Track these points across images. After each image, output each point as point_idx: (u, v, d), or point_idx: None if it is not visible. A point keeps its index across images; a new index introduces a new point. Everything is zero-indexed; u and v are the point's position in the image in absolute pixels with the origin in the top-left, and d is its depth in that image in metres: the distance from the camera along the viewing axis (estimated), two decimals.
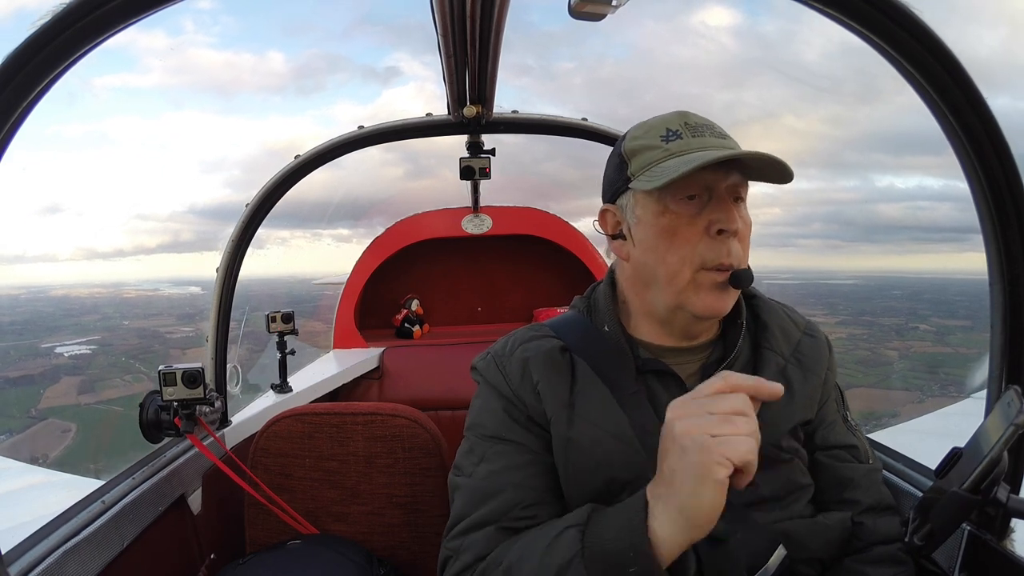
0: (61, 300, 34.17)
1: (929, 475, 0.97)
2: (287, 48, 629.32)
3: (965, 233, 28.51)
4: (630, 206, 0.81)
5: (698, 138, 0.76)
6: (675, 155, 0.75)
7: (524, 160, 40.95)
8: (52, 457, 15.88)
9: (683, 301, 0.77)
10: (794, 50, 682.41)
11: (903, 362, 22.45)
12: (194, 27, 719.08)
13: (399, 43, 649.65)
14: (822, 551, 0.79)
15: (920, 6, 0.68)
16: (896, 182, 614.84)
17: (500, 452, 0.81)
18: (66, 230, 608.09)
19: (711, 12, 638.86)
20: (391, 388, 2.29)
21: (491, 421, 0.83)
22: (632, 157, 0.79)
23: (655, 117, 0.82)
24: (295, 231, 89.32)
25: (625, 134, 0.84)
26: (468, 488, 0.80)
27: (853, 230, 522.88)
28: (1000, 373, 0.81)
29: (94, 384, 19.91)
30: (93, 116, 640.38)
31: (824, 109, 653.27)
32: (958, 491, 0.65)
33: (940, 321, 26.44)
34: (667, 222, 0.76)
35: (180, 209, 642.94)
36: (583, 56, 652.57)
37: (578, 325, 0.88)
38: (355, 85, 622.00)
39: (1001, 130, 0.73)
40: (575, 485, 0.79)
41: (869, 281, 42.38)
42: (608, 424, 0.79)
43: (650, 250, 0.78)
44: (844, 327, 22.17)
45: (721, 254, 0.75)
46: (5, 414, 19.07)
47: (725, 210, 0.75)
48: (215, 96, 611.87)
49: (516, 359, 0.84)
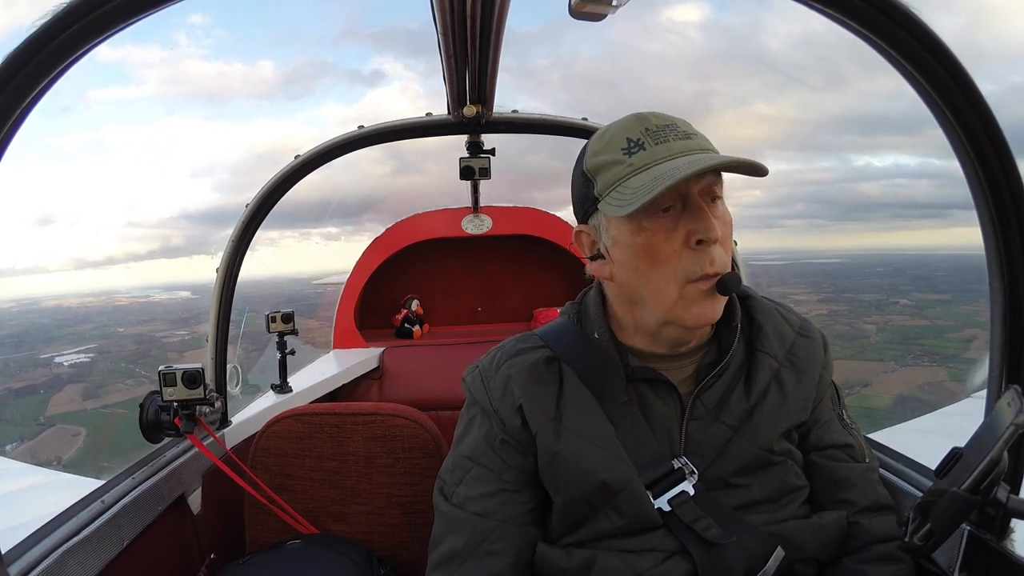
0: (53, 311, 34.46)
1: (929, 475, 0.97)
2: (277, 56, 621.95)
3: (946, 209, 28.32)
4: (603, 227, 0.78)
5: (662, 144, 0.73)
6: (640, 170, 0.72)
7: (508, 154, 42.12)
8: (66, 459, 16.46)
9: (673, 317, 0.76)
10: (759, 42, 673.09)
11: (880, 335, 22.64)
12: (187, 40, 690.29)
13: (383, 48, 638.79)
14: (819, 551, 0.79)
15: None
16: (873, 161, 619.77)
17: (476, 477, 0.83)
18: (57, 241, 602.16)
19: (677, 9, 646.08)
20: (391, 388, 2.29)
21: (471, 442, 0.86)
22: (596, 175, 0.76)
23: (614, 124, 0.78)
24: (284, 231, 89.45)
25: (585, 148, 0.80)
26: (445, 514, 0.84)
27: (836, 209, 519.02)
28: (1000, 373, 0.81)
29: (97, 390, 20.33)
30: (86, 127, 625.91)
31: (793, 96, 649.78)
32: (958, 491, 0.65)
33: (920, 296, 26.65)
34: (644, 240, 0.74)
35: (170, 215, 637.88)
36: (559, 53, 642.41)
37: (568, 332, 0.87)
38: (342, 88, 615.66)
39: (1001, 130, 0.73)
40: (566, 492, 0.79)
41: (854, 259, 42.53)
42: (593, 435, 0.78)
43: (631, 271, 0.76)
44: (826, 304, 22.46)
45: (704, 264, 0.73)
46: (15, 423, 19.58)
47: (702, 219, 0.72)
48: (206, 103, 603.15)
49: (500, 376, 0.84)
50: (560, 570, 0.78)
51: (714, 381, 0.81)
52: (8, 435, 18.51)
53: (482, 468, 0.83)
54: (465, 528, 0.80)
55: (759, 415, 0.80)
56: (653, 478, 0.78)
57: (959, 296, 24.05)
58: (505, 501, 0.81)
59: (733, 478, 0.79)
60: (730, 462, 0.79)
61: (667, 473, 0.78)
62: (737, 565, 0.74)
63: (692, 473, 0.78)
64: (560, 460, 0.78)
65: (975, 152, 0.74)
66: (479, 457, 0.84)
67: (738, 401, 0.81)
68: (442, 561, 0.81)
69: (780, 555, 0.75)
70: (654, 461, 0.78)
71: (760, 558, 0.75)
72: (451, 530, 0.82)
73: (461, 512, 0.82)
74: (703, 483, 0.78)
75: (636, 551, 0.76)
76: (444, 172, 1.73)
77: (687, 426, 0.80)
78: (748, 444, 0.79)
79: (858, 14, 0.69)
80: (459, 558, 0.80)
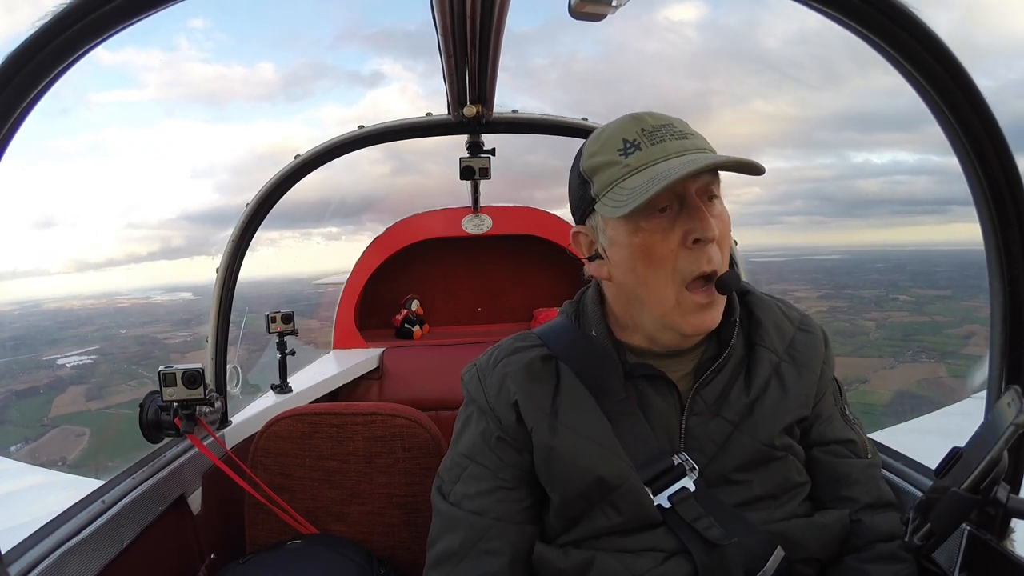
0: (54, 313, 34.71)
1: (929, 475, 0.96)
2: (277, 59, 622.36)
3: (946, 205, 28.52)
4: (601, 227, 0.79)
5: (658, 144, 0.73)
6: (636, 170, 0.73)
7: (507, 153, 41.90)
8: (71, 459, 16.67)
9: (670, 323, 0.76)
10: (756, 41, 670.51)
11: (879, 331, 22.74)
12: (188, 44, 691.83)
13: (383, 50, 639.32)
14: (821, 551, 0.79)
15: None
16: (872, 158, 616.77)
17: (472, 475, 0.83)
18: (58, 243, 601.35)
19: (673, 9, 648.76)
20: (391, 388, 2.29)
21: (467, 440, 0.86)
22: (593, 176, 0.77)
23: (610, 125, 0.78)
24: (284, 232, 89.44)
25: (581, 149, 0.81)
26: (442, 513, 0.84)
27: (835, 206, 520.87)
28: (1000, 373, 0.81)
29: (100, 391, 20.58)
30: (87, 128, 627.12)
31: (790, 93, 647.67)
32: (958, 491, 0.65)
33: (920, 292, 26.81)
34: (641, 240, 0.74)
35: (171, 216, 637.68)
36: (557, 53, 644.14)
37: (566, 331, 0.88)
38: (341, 90, 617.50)
39: (1001, 130, 0.73)
40: (562, 489, 0.79)
41: (854, 255, 42.68)
42: (590, 431, 0.78)
43: (629, 271, 0.76)
44: (826, 300, 22.57)
45: (701, 263, 0.73)
46: (19, 424, 19.80)
47: (699, 218, 0.72)
48: (207, 105, 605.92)
49: (496, 374, 0.85)
50: (557, 570, 0.78)
51: (713, 376, 0.81)
52: (12, 436, 18.72)
53: (478, 466, 0.83)
54: (461, 527, 0.80)
55: (760, 410, 0.79)
56: (653, 474, 0.78)
57: (959, 292, 24.13)
58: (502, 499, 0.81)
59: (734, 474, 0.79)
60: (731, 458, 0.79)
61: (667, 469, 0.78)
62: (738, 567, 0.73)
63: (693, 469, 0.78)
64: (556, 456, 0.78)
65: (975, 152, 0.74)
66: (475, 455, 0.84)
67: (738, 396, 0.80)
68: (439, 560, 0.81)
69: (780, 555, 0.75)
70: (654, 458, 0.78)
71: (760, 558, 0.75)
72: (448, 529, 0.82)
73: (458, 511, 0.82)
74: (704, 479, 0.78)
75: (635, 551, 0.76)
76: (444, 172, 1.73)
77: (687, 422, 0.80)
78: (749, 439, 0.79)
79: (858, 14, 0.69)
80: (455, 557, 0.80)
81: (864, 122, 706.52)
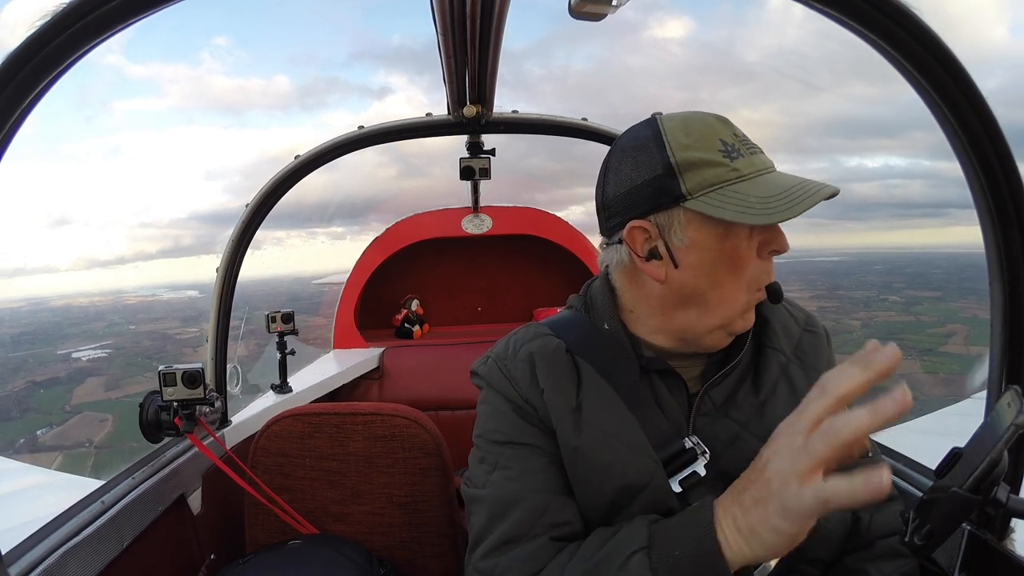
0: (63, 310, 35.16)
1: (929, 475, 0.97)
2: (292, 73, 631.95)
3: (943, 208, 28.58)
4: (679, 225, 0.72)
5: (754, 155, 0.71)
6: (747, 177, 0.69)
7: (508, 156, 41.26)
8: (97, 441, 17.84)
9: (727, 323, 0.75)
10: (737, 54, 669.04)
11: (863, 330, 22.92)
12: (211, 58, 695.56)
13: (392, 68, 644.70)
14: (824, 551, 0.78)
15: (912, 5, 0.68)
16: (865, 162, 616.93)
17: (514, 456, 0.76)
18: (71, 241, 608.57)
19: (659, 28, 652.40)
20: (391, 388, 2.29)
21: (501, 425, 0.79)
22: (686, 171, 0.70)
23: (690, 118, 0.73)
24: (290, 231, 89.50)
25: (661, 137, 0.73)
26: (487, 500, 0.75)
27: (834, 209, 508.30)
28: (1000, 373, 0.81)
29: (118, 381, 21.32)
30: (108, 132, 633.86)
31: (774, 102, 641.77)
32: (958, 491, 0.65)
33: (912, 293, 27.03)
34: (732, 246, 0.71)
35: (181, 216, 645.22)
36: (551, 66, 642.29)
37: (578, 324, 0.85)
38: (352, 101, 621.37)
39: (1001, 130, 0.73)
40: (583, 496, 0.76)
41: (855, 257, 42.97)
42: (616, 427, 0.76)
43: (706, 275, 0.73)
44: (816, 300, 22.83)
45: (770, 274, 0.74)
46: (43, 411, 20.73)
47: (780, 233, 0.72)
48: (224, 114, 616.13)
49: (521, 360, 0.80)
50: None
51: (724, 377, 0.81)
52: (39, 422, 19.62)
53: (520, 447, 0.77)
54: (517, 508, 0.72)
55: (771, 411, 0.79)
56: (664, 457, 0.76)
57: (949, 294, 24.30)
58: (558, 474, 0.75)
59: (740, 474, 0.79)
60: (737, 458, 0.78)
61: (679, 452, 0.77)
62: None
63: (704, 453, 0.77)
64: (580, 456, 0.75)
65: (975, 152, 0.74)
66: (515, 437, 0.77)
67: (746, 397, 0.80)
68: (492, 550, 0.72)
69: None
70: (666, 440, 0.77)
71: None
72: (500, 515, 0.73)
73: (506, 492, 0.73)
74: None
75: None
76: (447, 175, 1.74)
77: (695, 421, 0.80)
78: (757, 441, 0.78)
79: (858, 14, 0.69)
80: (515, 541, 0.71)
81: (850, 128, 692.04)
